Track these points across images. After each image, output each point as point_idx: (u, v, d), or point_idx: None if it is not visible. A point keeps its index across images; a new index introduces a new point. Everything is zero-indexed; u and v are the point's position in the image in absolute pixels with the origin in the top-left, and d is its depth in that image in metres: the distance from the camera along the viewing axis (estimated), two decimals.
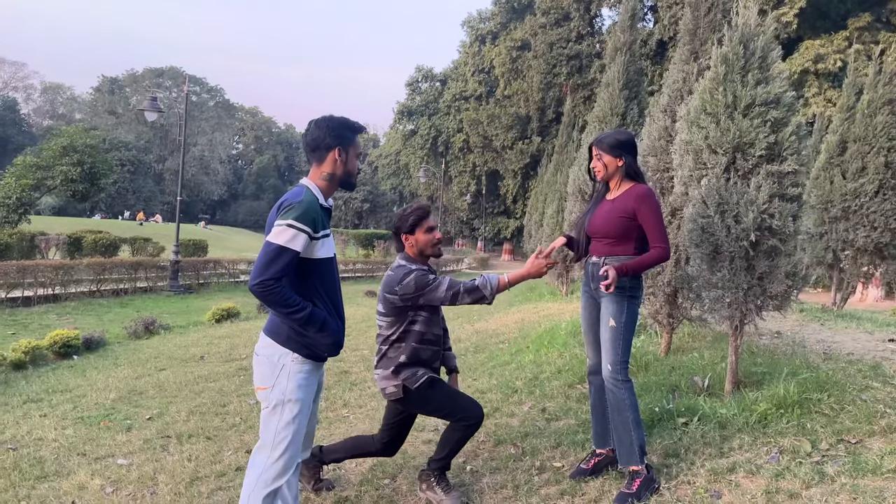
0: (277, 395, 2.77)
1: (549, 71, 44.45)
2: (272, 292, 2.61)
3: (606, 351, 3.40)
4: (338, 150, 2.82)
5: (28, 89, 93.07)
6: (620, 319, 3.36)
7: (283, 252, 2.62)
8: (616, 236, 3.42)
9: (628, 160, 3.47)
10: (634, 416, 3.32)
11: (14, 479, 4.50)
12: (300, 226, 2.64)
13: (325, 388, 6.61)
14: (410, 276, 3.36)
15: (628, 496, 3.18)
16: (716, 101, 4.13)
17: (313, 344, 2.78)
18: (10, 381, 7.72)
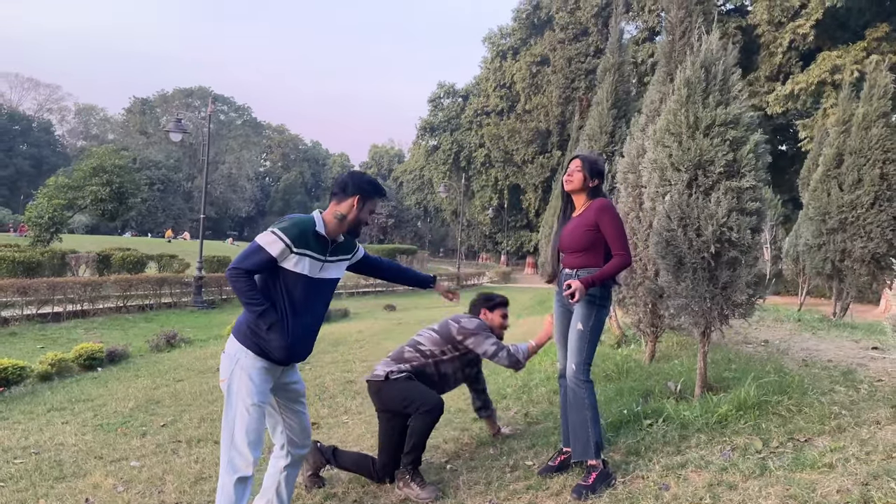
0: (231, 386, 3.06)
1: (568, 85, 44.75)
2: (239, 280, 3.00)
3: (572, 352, 3.69)
4: (358, 198, 3.20)
5: (62, 111, 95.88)
6: (588, 324, 3.66)
7: (259, 250, 3.02)
8: (584, 248, 3.72)
9: (599, 185, 3.85)
10: (592, 414, 3.60)
11: (34, 479, 4.87)
12: (281, 235, 3.02)
13: (330, 395, 6.95)
14: (476, 321, 4.27)
15: (584, 488, 3.43)
16: (678, 122, 4.41)
17: (265, 344, 3.05)
18: (36, 392, 8.18)
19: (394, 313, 19.69)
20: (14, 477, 4.94)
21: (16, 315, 14.47)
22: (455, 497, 3.76)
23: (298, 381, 3.41)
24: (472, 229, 60.94)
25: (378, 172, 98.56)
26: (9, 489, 4.69)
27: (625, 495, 3.34)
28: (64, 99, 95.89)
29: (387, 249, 49.37)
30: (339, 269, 3.33)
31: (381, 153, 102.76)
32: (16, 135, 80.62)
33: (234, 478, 2.97)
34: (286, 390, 3.32)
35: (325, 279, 3.22)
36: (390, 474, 4.03)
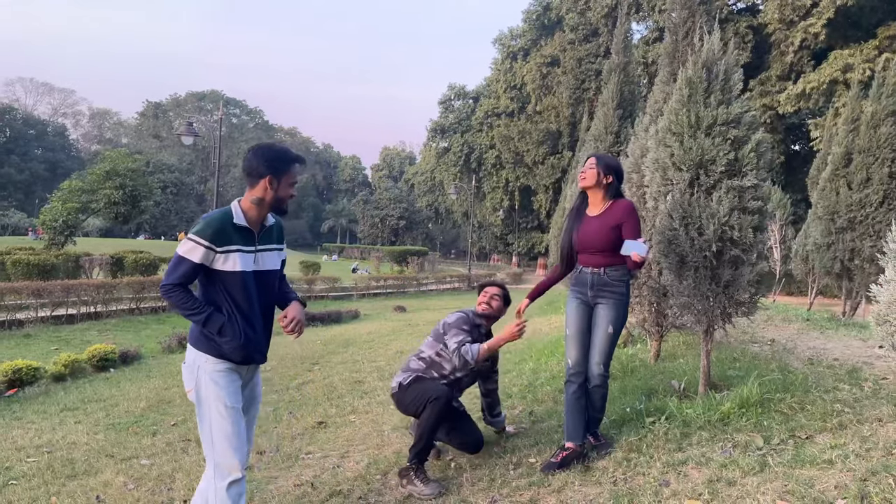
0: (199, 395, 2.97)
1: (579, 86, 44.72)
2: (170, 295, 2.93)
3: (601, 352, 3.83)
4: (269, 178, 3.00)
5: (77, 115, 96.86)
6: (618, 325, 3.80)
7: (181, 261, 2.91)
8: (611, 248, 3.80)
9: (615, 182, 3.93)
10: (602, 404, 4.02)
11: (47, 477, 4.97)
12: (198, 239, 2.89)
13: (338, 395, 7.02)
14: (457, 315, 4.36)
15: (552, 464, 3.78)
16: (680, 121, 4.43)
17: (217, 344, 2.97)
18: (50, 392, 8.31)
19: (404, 314, 19.75)
20: (27, 475, 5.04)
21: (30, 317, 14.66)
22: (459, 494, 3.80)
23: (255, 387, 3.28)
24: (483, 231, 60.98)
25: (389, 174, 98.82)
26: (21, 487, 4.79)
27: (625, 491, 3.37)
28: (78, 103, 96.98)
29: (398, 251, 49.50)
30: (274, 259, 3.18)
31: (393, 155, 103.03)
32: (31, 139, 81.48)
33: (225, 483, 2.90)
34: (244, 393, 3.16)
35: (264, 270, 3.10)
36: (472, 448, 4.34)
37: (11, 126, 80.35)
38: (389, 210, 77.76)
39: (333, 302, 24.14)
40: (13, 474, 5.09)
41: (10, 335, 13.61)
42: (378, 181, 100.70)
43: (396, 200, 78.76)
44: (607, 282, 3.83)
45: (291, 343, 11.78)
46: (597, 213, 3.91)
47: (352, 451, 4.89)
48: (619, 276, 3.83)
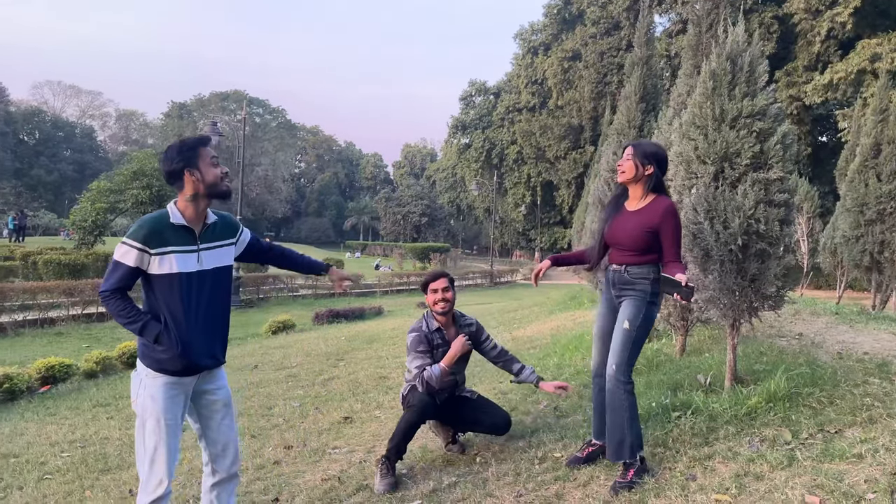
0: (138, 408, 2.91)
1: (600, 80, 44.45)
2: (107, 301, 2.87)
3: (614, 351, 3.55)
4: (188, 170, 2.91)
5: (104, 117, 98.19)
6: (635, 323, 3.52)
7: (116, 266, 2.83)
8: (640, 249, 3.57)
9: (657, 172, 3.61)
10: (630, 415, 3.51)
11: (81, 471, 5.08)
12: (131, 242, 2.80)
13: (363, 391, 7.07)
14: (412, 336, 4.44)
15: (621, 484, 3.41)
16: (704, 114, 4.40)
17: (157, 357, 2.88)
18: (82, 389, 8.48)
19: None
20: (61, 469, 5.16)
21: (62, 315, 14.97)
22: (484, 488, 3.82)
23: (219, 390, 3.13)
24: (505, 226, 60.89)
25: (411, 171, 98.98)
26: (56, 481, 4.90)
27: (651, 486, 3.37)
28: (105, 105, 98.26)
29: (420, 248, 49.65)
30: (222, 256, 3.07)
31: (414, 152, 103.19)
32: (59, 141, 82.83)
33: (148, 499, 2.85)
34: (202, 400, 3.08)
35: (210, 269, 2.98)
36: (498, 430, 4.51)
37: (40, 128, 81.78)
38: (411, 207, 77.95)
39: (357, 299, 24.26)
40: (48, 469, 5.21)
41: (42, 333, 13.92)
42: (400, 178, 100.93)
43: (418, 197, 78.93)
44: (628, 280, 3.61)
45: (316, 340, 11.89)
46: (635, 209, 3.64)
47: (378, 446, 4.93)
48: (642, 274, 3.58)
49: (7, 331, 13.69)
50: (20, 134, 78.62)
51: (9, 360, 10.42)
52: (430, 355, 4.35)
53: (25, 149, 77.77)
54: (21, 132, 78.91)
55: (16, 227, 36.03)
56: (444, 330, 4.46)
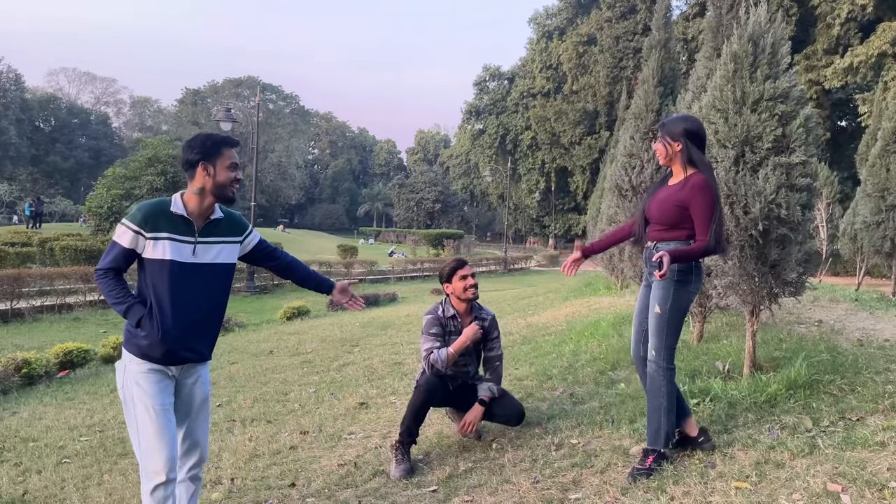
0: (124, 394, 2.87)
1: (616, 65, 44.06)
2: (100, 280, 2.89)
3: (651, 336, 3.49)
4: (203, 164, 2.89)
5: (118, 104, 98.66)
6: (665, 306, 3.42)
7: (112, 246, 2.85)
8: (668, 223, 3.46)
9: (687, 145, 3.44)
10: (668, 402, 3.44)
11: (99, 455, 5.13)
12: (128, 223, 2.82)
13: (378, 377, 7.08)
14: (428, 318, 4.43)
15: (642, 471, 3.37)
16: (725, 97, 4.32)
17: (138, 343, 2.85)
18: (99, 374, 8.55)
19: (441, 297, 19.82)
20: (80, 453, 5.20)
21: (79, 301, 15.11)
22: (501, 474, 3.81)
23: (196, 385, 3.05)
24: (518, 213, 60.69)
25: (424, 157, 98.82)
26: (75, 465, 4.94)
27: (670, 473, 3.34)
28: (119, 92, 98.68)
29: (434, 234, 49.57)
30: (224, 252, 3.00)
31: (427, 138, 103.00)
32: (75, 128, 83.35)
33: (150, 486, 2.79)
34: (179, 392, 2.99)
35: (205, 263, 2.92)
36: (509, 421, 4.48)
37: (56, 115, 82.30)
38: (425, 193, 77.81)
39: (371, 285, 24.33)
40: (66, 453, 5.26)
41: (60, 319, 14.06)
42: (413, 164, 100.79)
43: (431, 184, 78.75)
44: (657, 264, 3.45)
45: (330, 326, 11.93)
46: (672, 183, 3.53)
47: (393, 432, 4.92)
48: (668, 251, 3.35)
49: (25, 316, 13.84)
50: (36, 121, 79.18)
51: (27, 345, 10.54)
52: (442, 339, 4.34)
53: (41, 135, 78.33)
54: (37, 119, 79.46)
55: (33, 213, 36.37)
56: (460, 318, 4.43)
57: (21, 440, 5.68)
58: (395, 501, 3.62)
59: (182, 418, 3.01)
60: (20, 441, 5.66)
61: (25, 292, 14.24)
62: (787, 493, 2.87)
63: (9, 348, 10.11)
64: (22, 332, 12.52)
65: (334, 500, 3.73)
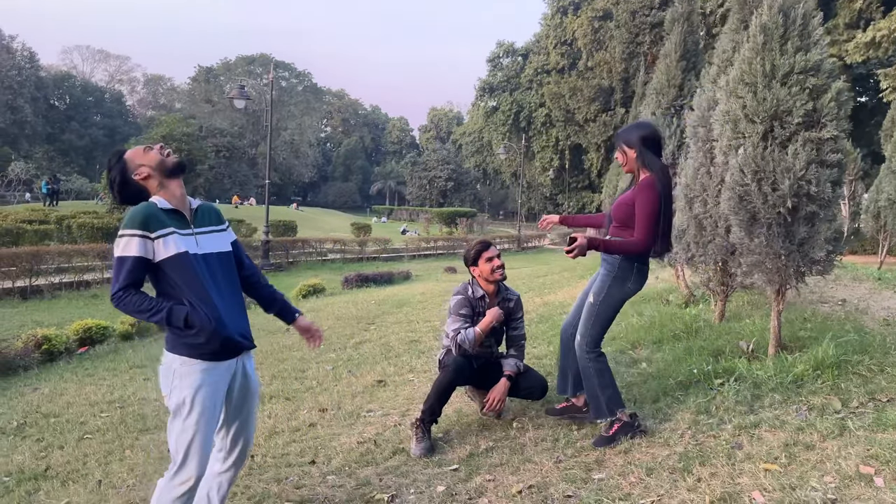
0: (174, 401, 2.72)
1: (632, 40, 43.38)
2: (122, 302, 2.66)
3: (581, 323, 3.79)
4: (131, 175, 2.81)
5: (132, 82, 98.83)
6: (599, 297, 3.70)
7: (121, 262, 2.65)
8: (621, 222, 3.73)
9: (641, 151, 3.66)
10: (600, 380, 3.75)
11: (120, 431, 5.16)
12: (129, 231, 2.65)
13: (396, 354, 7.07)
14: (456, 298, 4.37)
15: (604, 439, 3.68)
16: (754, 71, 4.20)
17: (191, 342, 2.72)
18: (118, 350, 8.61)
19: (455, 275, 19.77)
20: (101, 429, 5.24)
21: (97, 278, 15.21)
22: (522, 454, 3.78)
23: (251, 375, 3.02)
24: (532, 191, 60.35)
25: (437, 135, 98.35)
26: (97, 440, 4.98)
27: (696, 453, 3.29)
28: (133, 70, 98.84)
29: (446, 212, 49.40)
30: (218, 241, 2.93)
31: (440, 116, 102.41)
32: (90, 106, 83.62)
33: (179, 490, 2.73)
34: (233, 384, 2.92)
35: (210, 253, 2.85)
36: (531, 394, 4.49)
37: (71, 93, 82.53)
38: (437, 171, 77.51)
39: (385, 263, 24.35)
40: (88, 429, 5.30)
41: (78, 295, 14.18)
42: (426, 142, 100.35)
43: (444, 162, 78.41)
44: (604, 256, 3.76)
45: (346, 304, 11.93)
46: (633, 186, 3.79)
47: (412, 410, 4.92)
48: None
49: (44, 293, 13.96)
50: (51, 99, 79.48)
51: (47, 321, 10.63)
52: (471, 320, 4.31)
53: (56, 114, 78.66)
54: (52, 97, 79.75)
55: (49, 191, 36.56)
56: (488, 299, 4.40)
57: (42, 416, 5.74)
58: (417, 479, 3.61)
59: (235, 412, 2.97)
60: (42, 417, 5.71)
61: (44, 269, 14.35)
62: (819, 476, 2.81)
63: (29, 325, 10.21)
64: (41, 308, 12.64)
65: (355, 477, 3.73)
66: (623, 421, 3.68)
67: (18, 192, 50.99)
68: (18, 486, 4.12)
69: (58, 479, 4.28)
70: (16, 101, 68.14)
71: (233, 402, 2.94)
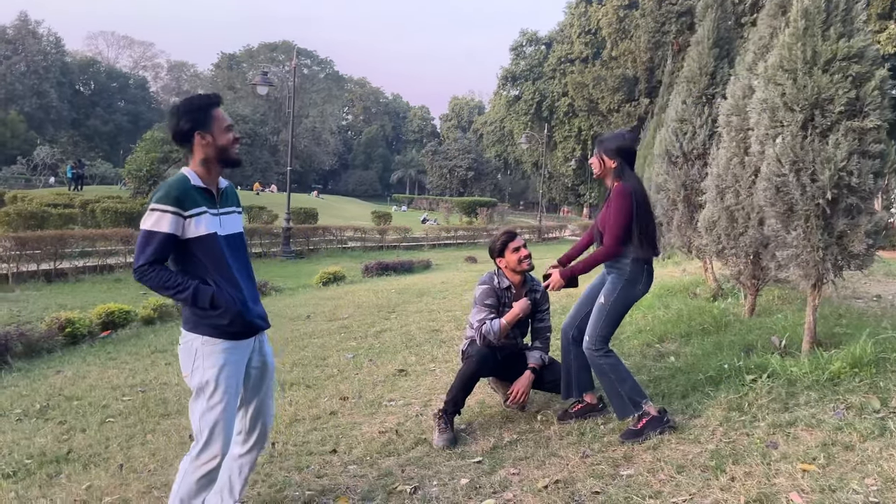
0: (197, 380, 2.72)
1: (658, 29, 42.79)
2: (148, 276, 2.62)
3: (590, 323, 3.79)
4: (198, 133, 2.72)
5: (156, 68, 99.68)
6: (610, 298, 3.74)
7: (149, 236, 2.61)
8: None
9: (621, 164, 3.75)
10: (617, 375, 3.72)
11: (142, 415, 5.15)
12: (163, 207, 2.61)
13: (417, 344, 7.01)
14: (482, 288, 4.27)
15: (632, 433, 3.60)
16: (794, 57, 4.06)
17: (214, 323, 2.71)
18: (140, 335, 8.64)
19: (475, 265, 19.68)
20: (123, 413, 5.24)
21: (120, 262, 15.31)
22: (547, 447, 3.71)
23: (268, 356, 3.05)
24: (553, 181, 59.97)
25: (458, 124, 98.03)
26: (119, 424, 4.97)
27: (728, 451, 3.19)
28: (157, 56, 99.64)
29: (467, 202, 49.22)
30: (236, 222, 2.94)
31: (461, 105, 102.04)
32: (114, 91, 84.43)
33: (205, 469, 2.73)
34: (251, 365, 2.94)
35: (231, 234, 2.85)
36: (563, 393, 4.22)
37: (96, 79, 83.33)
38: (458, 160, 77.33)
39: (405, 252, 24.30)
40: (110, 412, 5.30)
41: (102, 279, 14.28)
42: (447, 131, 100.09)
43: (465, 151, 78.19)
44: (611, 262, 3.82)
45: (366, 292, 11.90)
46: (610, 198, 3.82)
47: (434, 400, 4.86)
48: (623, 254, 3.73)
49: (68, 276, 14.09)
50: (76, 84, 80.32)
51: (70, 304, 10.71)
52: (496, 311, 4.23)
53: (81, 99, 79.49)
54: (77, 82, 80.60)
55: (74, 175, 36.96)
56: (515, 290, 4.31)
57: (65, 399, 5.75)
58: (440, 471, 3.54)
59: (254, 391, 2.98)
60: (64, 399, 5.73)
61: (68, 253, 14.47)
62: (860, 478, 2.70)
63: (53, 307, 10.29)
64: (65, 291, 12.75)
65: (377, 468, 3.67)
66: (651, 415, 3.61)
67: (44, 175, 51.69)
68: (40, 469, 4.11)
69: (79, 462, 4.26)
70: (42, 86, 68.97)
71: (251, 381, 2.95)
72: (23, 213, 17.62)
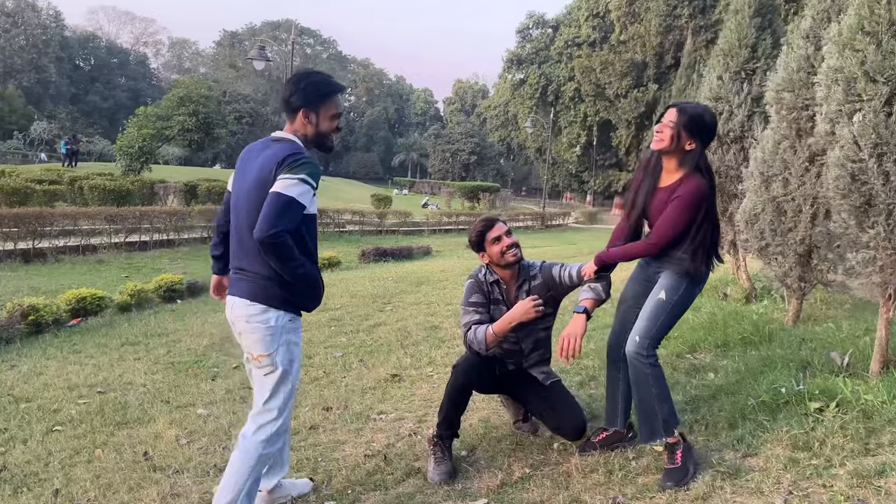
0: (282, 357, 2.72)
1: (669, 13, 41.72)
2: (281, 241, 2.52)
3: (642, 320, 3.12)
4: (304, 111, 2.72)
5: (157, 45, 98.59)
6: (673, 297, 3.10)
7: (295, 205, 2.57)
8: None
9: (698, 149, 3.05)
10: (659, 391, 3.09)
11: (95, 423, 4.48)
12: (311, 182, 2.62)
13: (413, 342, 6.37)
14: (468, 284, 3.63)
15: (676, 471, 2.94)
16: (877, 17, 3.33)
17: (300, 302, 2.77)
18: (113, 323, 7.94)
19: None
20: (74, 420, 4.58)
21: (104, 243, 14.60)
22: (568, 489, 3.03)
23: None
24: (557, 167, 59.03)
25: (461, 108, 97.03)
26: (66, 434, 4.31)
27: None
28: (158, 32, 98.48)
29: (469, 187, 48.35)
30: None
31: (465, 88, 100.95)
32: (114, 67, 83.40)
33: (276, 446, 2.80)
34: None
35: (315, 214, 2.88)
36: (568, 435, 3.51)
37: (96, 55, 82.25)
38: (461, 145, 76.28)
39: (404, 237, 23.69)
40: (60, 418, 4.64)
41: (83, 261, 13.59)
42: (450, 115, 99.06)
43: (468, 135, 77.14)
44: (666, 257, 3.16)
45: (362, 280, 11.25)
46: (666, 185, 3.14)
47: (429, 415, 4.21)
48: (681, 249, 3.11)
49: (47, 256, 13.35)
50: (76, 59, 79.27)
51: (44, 287, 10.04)
52: (486, 310, 3.49)
53: (81, 74, 78.49)
54: (77, 57, 79.55)
55: (68, 151, 35.93)
56: (504, 284, 3.57)
57: (14, 400, 5.08)
58: None
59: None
60: (12, 401, 5.05)
61: (48, 231, 13.74)
62: None
63: (24, 290, 9.59)
64: (42, 272, 12.03)
65: None
66: (683, 443, 3.05)
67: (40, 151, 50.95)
68: None
69: (11, 484, 3.62)
70: (40, 61, 68.00)
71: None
72: (4, 188, 16.81)
